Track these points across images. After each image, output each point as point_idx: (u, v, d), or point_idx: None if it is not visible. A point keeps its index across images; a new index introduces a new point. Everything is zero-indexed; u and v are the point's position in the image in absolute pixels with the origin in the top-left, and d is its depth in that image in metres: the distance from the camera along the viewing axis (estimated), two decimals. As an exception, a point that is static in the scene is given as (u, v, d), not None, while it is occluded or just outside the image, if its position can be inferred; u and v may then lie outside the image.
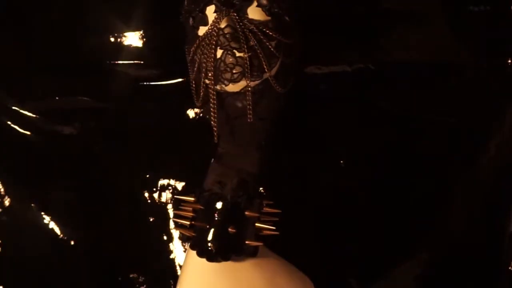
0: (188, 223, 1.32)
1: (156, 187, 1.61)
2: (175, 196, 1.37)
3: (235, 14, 1.23)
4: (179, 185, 1.60)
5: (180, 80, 1.56)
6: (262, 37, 1.24)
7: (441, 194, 1.59)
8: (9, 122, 1.61)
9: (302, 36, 1.36)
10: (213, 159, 1.38)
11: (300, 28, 1.35)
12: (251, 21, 1.24)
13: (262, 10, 1.26)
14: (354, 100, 1.59)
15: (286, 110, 1.39)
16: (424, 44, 1.59)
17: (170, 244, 1.61)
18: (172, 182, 1.60)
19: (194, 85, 1.33)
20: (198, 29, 1.26)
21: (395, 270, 1.60)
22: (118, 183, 1.61)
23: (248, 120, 1.28)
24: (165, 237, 1.61)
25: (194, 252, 1.30)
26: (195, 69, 1.28)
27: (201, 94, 1.30)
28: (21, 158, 1.62)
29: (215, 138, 1.29)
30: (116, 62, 1.58)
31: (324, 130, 1.60)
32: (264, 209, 1.34)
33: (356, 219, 1.59)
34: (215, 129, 1.28)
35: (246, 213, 1.32)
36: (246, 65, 1.23)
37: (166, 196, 1.59)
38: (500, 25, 1.59)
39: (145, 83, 1.59)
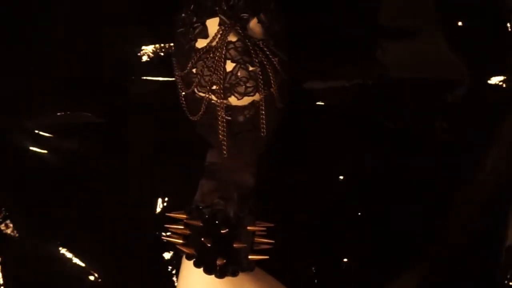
0: (181, 241, 1.30)
1: (158, 202, 1.62)
2: (166, 214, 1.35)
3: (239, 28, 1.23)
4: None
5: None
6: (268, 52, 1.25)
7: (440, 208, 1.60)
8: (8, 137, 1.61)
9: (294, 54, 1.37)
10: (204, 173, 1.36)
11: (292, 45, 1.36)
12: (254, 36, 1.25)
13: (262, 26, 1.27)
14: (352, 116, 1.60)
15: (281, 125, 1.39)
16: (421, 59, 1.60)
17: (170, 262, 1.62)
18: (174, 197, 1.61)
19: (185, 99, 1.32)
20: (196, 41, 1.25)
21: (394, 283, 1.60)
22: (118, 198, 1.61)
23: (262, 134, 1.28)
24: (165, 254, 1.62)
25: (190, 265, 1.29)
26: (195, 82, 1.26)
27: (203, 108, 1.28)
28: (19, 173, 1.62)
29: (224, 152, 1.28)
30: (116, 76, 1.59)
31: (323, 145, 1.60)
32: (258, 223, 1.34)
33: (355, 233, 1.60)
34: (224, 143, 1.27)
35: (248, 228, 1.32)
36: (259, 79, 1.24)
37: (167, 210, 1.59)
38: (496, 41, 1.61)
39: (145, 98, 1.59)
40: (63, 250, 1.61)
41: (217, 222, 1.30)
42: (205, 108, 1.27)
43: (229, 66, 1.23)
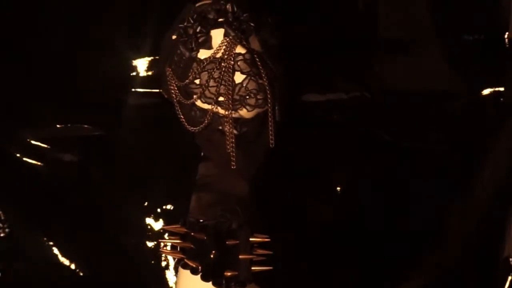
0: (181, 255, 1.27)
1: (157, 213, 1.62)
2: (162, 227, 1.33)
3: (243, 40, 1.22)
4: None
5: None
6: (271, 66, 1.25)
7: (436, 220, 1.61)
8: (9, 150, 1.62)
9: (293, 67, 1.37)
10: (197, 186, 1.33)
11: (291, 58, 1.36)
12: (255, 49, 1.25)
13: (260, 39, 1.27)
14: (350, 127, 1.61)
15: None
16: (418, 72, 1.61)
17: (167, 271, 1.62)
18: (173, 208, 1.62)
19: (182, 110, 1.28)
20: (198, 51, 1.23)
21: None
22: (118, 210, 1.62)
23: (270, 145, 1.25)
24: (163, 264, 1.62)
25: (187, 273, 1.29)
26: (199, 93, 1.23)
27: (207, 119, 1.25)
28: (20, 185, 1.62)
29: (233, 164, 1.24)
30: (116, 90, 1.60)
31: (321, 156, 1.61)
32: (256, 235, 1.34)
33: (352, 244, 1.61)
34: (233, 154, 1.23)
35: (251, 239, 1.31)
36: (268, 91, 1.23)
37: (166, 222, 1.60)
38: (493, 53, 1.62)
39: (144, 111, 1.60)
40: (62, 258, 1.62)
41: (222, 234, 1.27)
42: (209, 119, 1.25)
43: (238, 77, 1.22)
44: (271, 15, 1.31)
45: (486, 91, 1.62)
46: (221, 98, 1.22)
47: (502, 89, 1.62)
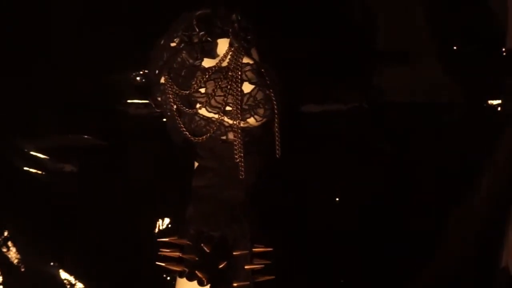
0: (181, 267, 1.26)
1: (158, 224, 1.63)
2: (158, 239, 1.31)
3: (248, 50, 1.22)
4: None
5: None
6: (275, 77, 1.24)
7: (435, 231, 1.61)
8: (9, 160, 1.62)
9: (292, 78, 1.37)
10: (196, 196, 1.32)
11: (290, 70, 1.37)
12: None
13: (259, 50, 1.27)
14: (348, 138, 1.62)
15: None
16: (417, 83, 1.62)
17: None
18: (172, 219, 1.62)
19: (182, 118, 1.25)
20: (202, 60, 1.22)
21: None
22: (119, 221, 1.62)
23: (277, 155, 1.26)
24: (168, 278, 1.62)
25: (187, 284, 1.27)
26: (204, 102, 1.22)
27: (213, 128, 1.23)
28: (21, 194, 1.62)
29: (242, 174, 1.23)
30: (116, 101, 1.61)
31: (319, 167, 1.62)
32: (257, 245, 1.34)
33: (350, 255, 1.62)
34: (241, 163, 1.23)
35: (254, 250, 1.31)
36: (274, 102, 1.23)
37: (166, 232, 1.60)
38: (491, 65, 1.63)
39: (144, 122, 1.60)
40: (64, 274, 1.62)
41: (228, 245, 1.27)
42: (215, 129, 1.23)
43: (246, 87, 1.22)
44: (270, 26, 1.32)
45: (485, 102, 1.63)
46: (228, 108, 1.21)
47: (500, 100, 1.63)
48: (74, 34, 1.58)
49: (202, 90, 1.22)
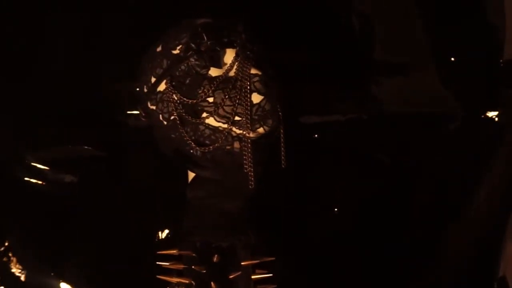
0: (185, 280, 1.25)
1: (159, 235, 1.63)
2: (159, 252, 1.31)
3: (254, 61, 1.22)
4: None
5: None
6: (279, 88, 1.25)
7: (433, 243, 1.62)
8: (10, 169, 1.63)
9: (291, 88, 1.38)
10: (194, 208, 1.32)
11: (289, 80, 1.37)
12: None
13: (264, 62, 1.27)
14: (347, 149, 1.63)
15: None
16: (415, 94, 1.63)
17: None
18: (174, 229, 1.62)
19: (185, 127, 1.23)
20: (209, 69, 1.21)
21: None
22: (119, 231, 1.62)
23: (282, 166, 1.27)
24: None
25: None
26: (212, 112, 1.21)
27: (221, 138, 1.22)
28: (22, 205, 1.63)
29: (251, 184, 1.22)
30: (116, 111, 1.61)
31: (318, 177, 1.63)
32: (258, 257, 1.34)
33: (351, 265, 1.62)
34: (251, 174, 1.22)
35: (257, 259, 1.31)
36: (280, 112, 1.24)
37: (166, 243, 1.60)
38: (489, 75, 1.64)
39: (144, 132, 1.60)
40: (65, 285, 1.62)
41: (236, 256, 1.27)
42: (223, 138, 1.22)
43: (255, 98, 1.22)
44: (270, 38, 1.32)
45: (482, 112, 1.63)
46: (237, 118, 1.22)
47: (498, 110, 1.63)
48: (74, 45, 1.59)
49: (210, 100, 1.21)
